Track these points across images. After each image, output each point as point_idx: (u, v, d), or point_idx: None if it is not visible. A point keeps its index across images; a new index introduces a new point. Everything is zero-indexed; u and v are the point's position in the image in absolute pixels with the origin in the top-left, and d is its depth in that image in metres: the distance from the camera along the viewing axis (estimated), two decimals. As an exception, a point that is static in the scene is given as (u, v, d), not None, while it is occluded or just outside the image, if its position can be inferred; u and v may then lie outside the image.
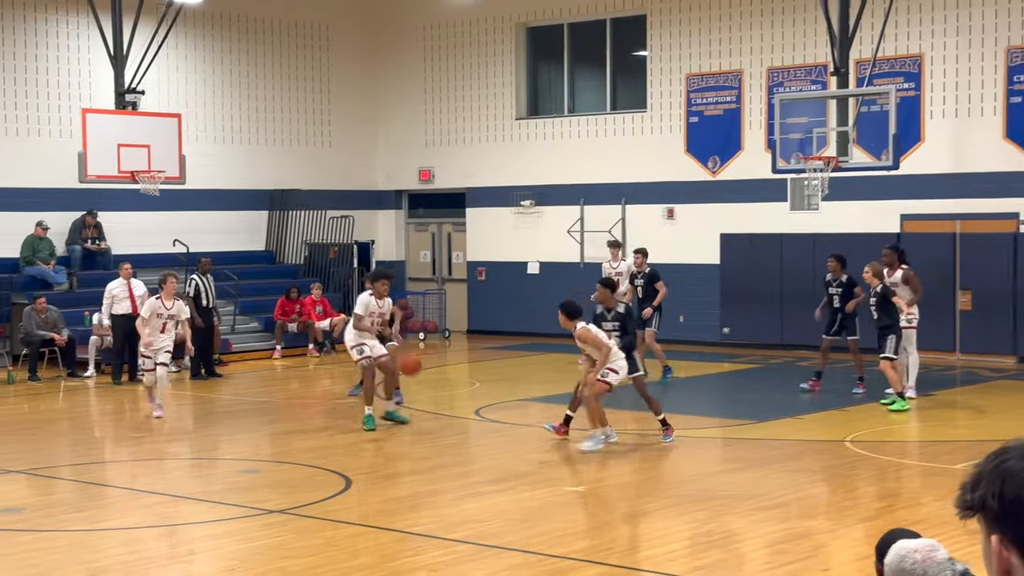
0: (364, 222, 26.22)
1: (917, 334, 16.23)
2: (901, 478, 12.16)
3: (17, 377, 19.07)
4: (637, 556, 9.05)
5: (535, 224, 24.98)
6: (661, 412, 13.50)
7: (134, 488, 11.88)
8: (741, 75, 22.67)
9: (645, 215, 23.76)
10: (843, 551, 9.37)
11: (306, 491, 11.32)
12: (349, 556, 9.06)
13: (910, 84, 20.79)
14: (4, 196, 21.69)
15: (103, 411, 16.91)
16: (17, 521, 10.25)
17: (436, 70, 26.35)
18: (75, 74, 22.66)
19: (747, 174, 22.38)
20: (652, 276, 18.66)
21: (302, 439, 14.23)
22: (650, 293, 18.56)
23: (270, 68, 25.44)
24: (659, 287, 18.51)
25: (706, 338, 22.82)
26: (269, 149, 25.42)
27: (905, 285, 16.20)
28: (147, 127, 19.82)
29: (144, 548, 9.57)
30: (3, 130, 21.82)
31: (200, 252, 22.66)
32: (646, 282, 18.68)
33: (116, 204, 22.51)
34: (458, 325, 26.05)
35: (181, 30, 23.06)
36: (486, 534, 9.59)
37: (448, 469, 12.32)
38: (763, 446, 13.40)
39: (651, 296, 18.55)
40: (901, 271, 16.26)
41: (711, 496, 10.90)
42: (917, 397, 16.15)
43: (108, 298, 19.11)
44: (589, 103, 25.20)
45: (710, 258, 22.93)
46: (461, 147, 26.10)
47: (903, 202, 20.93)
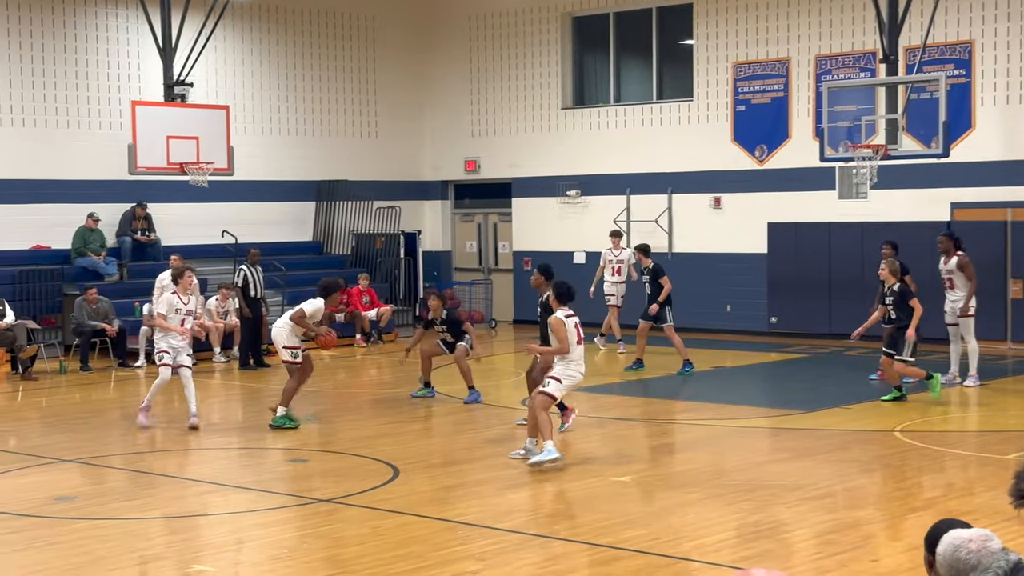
0: (410, 212, 26.30)
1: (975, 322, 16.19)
2: (951, 468, 12.06)
3: (69, 367, 19.29)
4: (684, 546, 9.03)
5: (581, 214, 24.95)
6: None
7: (184, 477, 11.99)
8: (788, 63, 22.53)
9: (692, 204, 23.68)
10: (892, 541, 9.31)
11: (354, 480, 11.38)
12: (397, 545, 9.10)
13: (960, 71, 20.58)
14: (56, 188, 21.93)
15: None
16: (70, 509, 10.38)
17: (482, 60, 26.36)
18: (124, 67, 22.86)
19: (795, 163, 22.24)
20: (656, 272, 18.50)
21: (350, 428, 14.31)
22: (657, 289, 18.42)
23: (317, 60, 25.54)
24: (664, 282, 18.38)
25: (753, 327, 22.73)
26: (316, 140, 25.53)
27: (960, 272, 16.14)
28: (196, 119, 19.96)
29: (194, 536, 9.66)
30: (54, 123, 22.06)
31: (248, 243, 22.81)
32: (651, 278, 18.55)
33: (165, 196, 22.71)
34: (504, 315, 26.08)
35: (229, 23, 23.21)
36: (533, 523, 9.61)
37: (495, 459, 12.34)
38: (811, 436, 13.33)
39: (658, 292, 18.40)
40: (956, 258, 16.17)
41: (759, 486, 10.86)
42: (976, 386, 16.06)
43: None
44: (635, 92, 25.12)
45: (757, 247, 22.82)
46: (507, 137, 26.10)
47: (953, 190, 20.74)
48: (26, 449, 13.25)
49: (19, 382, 18.29)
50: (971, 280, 16.11)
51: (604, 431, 14.14)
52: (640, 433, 14.19)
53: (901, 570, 8.28)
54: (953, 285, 16.25)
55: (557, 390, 11.74)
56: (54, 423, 14.94)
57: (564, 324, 11.67)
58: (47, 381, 18.45)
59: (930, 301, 16.85)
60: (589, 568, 8.62)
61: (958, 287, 16.19)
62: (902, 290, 15.08)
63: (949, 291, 16.32)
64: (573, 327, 11.72)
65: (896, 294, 15.02)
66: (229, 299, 20.81)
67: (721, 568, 8.38)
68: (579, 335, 11.78)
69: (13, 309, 19.24)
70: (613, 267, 20.95)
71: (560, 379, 11.69)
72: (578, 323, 11.83)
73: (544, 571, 8.49)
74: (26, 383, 18.18)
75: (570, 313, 11.83)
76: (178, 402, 16.89)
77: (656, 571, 8.53)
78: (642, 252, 18.97)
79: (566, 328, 11.66)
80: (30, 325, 19.42)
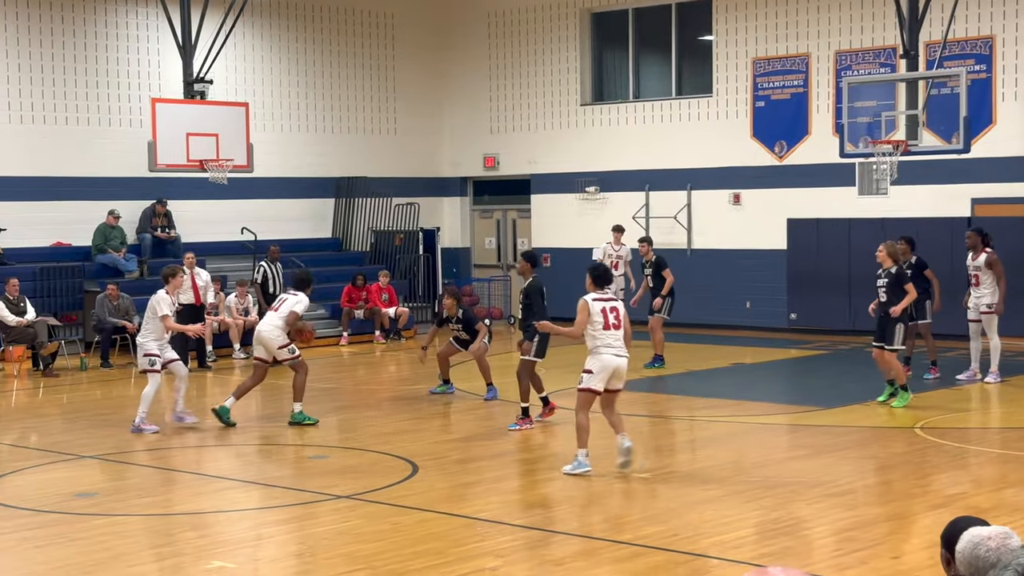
0: (429, 209, 26.31)
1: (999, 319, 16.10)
2: (972, 465, 12.01)
3: (90, 364, 19.37)
4: (703, 543, 9.02)
5: (600, 210, 24.93)
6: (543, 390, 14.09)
7: (204, 473, 12.03)
8: (808, 59, 22.46)
9: (711, 201, 23.64)
10: (913, 539, 9.28)
11: (373, 477, 11.40)
12: (416, 541, 9.12)
13: (981, 66, 20.49)
14: (76, 185, 22.02)
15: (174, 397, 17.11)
16: (90, 505, 10.42)
17: (501, 57, 26.36)
18: (144, 64, 22.93)
19: (814, 159, 22.19)
20: (659, 264, 18.57)
21: (369, 425, 14.33)
22: (660, 282, 18.48)
23: (336, 56, 25.58)
24: (666, 275, 18.45)
25: (773, 324, 22.69)
26: (335, 137, 25.57)
27: (988, 269, 16.05)
28: (215, 116, 20.01)
29: (214, 532, 9.69)
30: (75, 120, 22.14)
31: (268, 240, 22.88)
32: (654, 271, 18.61)
33: (185, 192, 22.79)
34: (523, 312, 26.05)
35: (248, 20, 23.27)
36: (552, 520, 9.61)
37: (514, 455, 12.34)
38: (831, 433, 13.30)
39: (661, 285, 18.47)
40: (985, 255, 16.08)
41: (778, 483, 10.84)
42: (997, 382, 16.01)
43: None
44: (654, 88, 25.08)
45: (777, 243, 22.76)
46: (526, 133, 26.10)
47: (974, 186, 20.65)
48: (47, 445, 13.31)
49: (40, 379, 18.38)
50: (1001, 278, 16.04)
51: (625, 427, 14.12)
52: (660, 430, 14.17)
53: (921, 567, 8.25)
54: (979, 282, 16.16)
55: (594, 382, 11.24)
56: (75, 419, 15.01)
57: (587, 306, 11.18)
58: (68, 378, 18.53)
59: (951, 298, 16.80)
60: (608, 565, 8.61)
61: (984, 284, 16.11)
62: (899, 273, 14.47)
63: (975, 287, 16.23)
64: (600, 311, 11.17)
65: (892, 276, 14.35)
66: (248, 295, 20.88)
67: (740, 565, 8.36)
68: (614, 319, 11.18)
69: (34, 306, 19.33)
70: (612, 262, 21.06)
71: (592, 369, 11.23)
72: (616, 308, 11.27)
73: (562, 568, 8.49)
74: (47, 380, 18.26)
75: (602, 296, 11.31)
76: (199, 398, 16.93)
77: (675, 568, 8.52)
78: (647, 244, 18.99)
79: (588, 311, 11.17)
80: (51, 322, 19.51)
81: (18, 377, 18.47)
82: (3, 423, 15.05)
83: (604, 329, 11.17)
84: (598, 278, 11.41)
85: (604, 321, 11.18)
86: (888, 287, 14.39)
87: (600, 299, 11.26)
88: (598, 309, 11.18)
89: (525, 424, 13.66)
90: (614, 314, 11.22)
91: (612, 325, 11.21)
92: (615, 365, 11.24)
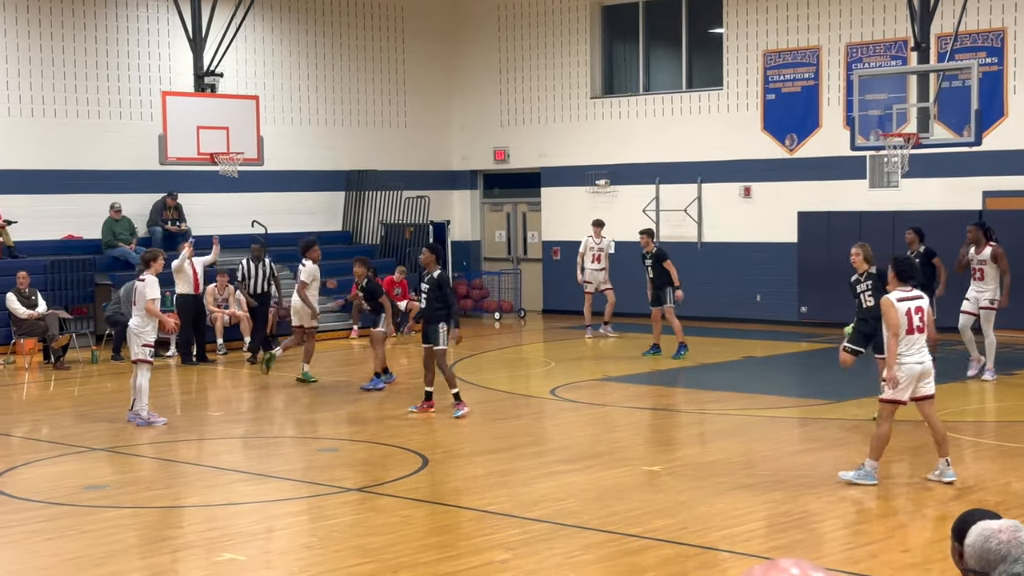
0: (439, 202, 26.31)
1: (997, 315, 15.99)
2: (981, 458, 11.98)
3: (101, 357, 19.40)
4: (713, 536, 9.01)
5: (610, 203, 24.91)
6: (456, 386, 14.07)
7: (214, 466, 12.04)
8: (819, 51, 22.41)
9: (721, 194, 23.61)
10: (922, 532, 9.27)
11: (383, 470, 11.41)
12: (426, 534, 9.12)
13: (993, 59, 20.43)
14: (87, 179, 22.05)
15: (184, 390, 17.16)
16: (101, 498, 10.44)
17: (511, 50, 26.34)
18: (155, 58, 22.95)
19: (825, 152, 22.14)
20: (659, 256, 18.76)
21: (379, 418, 14.34)
22: (660, 273, 18.63)
23: (346, 49, 25.58)
24: (668, 266, 18.62)
25: (783, 317, 22.65)
26: (345, 130, 25.57)
27: (994, 263, 15.89)
28: (226, 109, 20.03)
29: (224, 525, 9.70)
30: (86, 114, 22.17)
31: (278, 233, 22.92)
32: (654, 262, 18.76)
33: (195, 186, 22.81)
34: (533, 305, 26.08)
35: (258, 13, 23.27)
36: (562, 513, 9.60)
37: (524, 448, 12.35)
38: (841, 426, 13.28)
39: (660, 276, 18.62)
40: (989, 248, 15.93)
41: (788, 476, 10.83)
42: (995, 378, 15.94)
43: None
44: (664, 81, 25.05)
45: (787, 237, 22.73)
46: (536, 127, 26.08)
47: (985, 179, 20.59)
48: (58, 438, 13.34)
49: (51, 371, 18.42)
50: (1006, 272, 15.90)
51: (634, 420, 14.13)
52: (670, 423, 14.17)
53: (931, 560, 8.24)
54: (983, 276, 16.02)
55: (898, 392, 10.32)
56: (85, 412, 15.04)
57: (893, 306, 10.25)
58: (79, 370, 18.57)
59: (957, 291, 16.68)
60: (618, 558, 8.61)
61: (988, 278, 15.97)
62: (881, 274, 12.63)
63: (977, 282, 16.07)
64: (905, 313, 10.24)
65: (873, 278, 12.95)
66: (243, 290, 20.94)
67: (750, 558, 8.36)
68: (919, 321, 10.28)
69: (45, 299, 19.37)
70: (594, 254, 21.32)
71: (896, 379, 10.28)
72: (921, 307, 10.35)
73: (573, 561, 8.49)
74: (58, 372, 18.30)
75: (907, 295, 10.38)
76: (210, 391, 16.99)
77: (685, 561, 8.52)
78: (647, 236, 19.09)
79: (897, 312, 10.23)
80: (62, 315, 19.54)
81: (29, 370, 18.51)
82: (14, 416, 15.10)
83: (908, 333, 10.27)
84: (902, 272, 10.46)
85: (908, 324, 10.27)
86: (873, 291, 12.89)
87: (905, 298, 10.36)
88: (903, 310, 10.27)
89: (462, 407, 13.95)
90: (919, 315, 10.35)
91: (916, 328, 10.32)
92: (918, 372, 10.36)
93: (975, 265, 16.08)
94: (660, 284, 18.79)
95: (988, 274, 15.93)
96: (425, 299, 14.13)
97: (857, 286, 13.19)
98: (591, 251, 21.58)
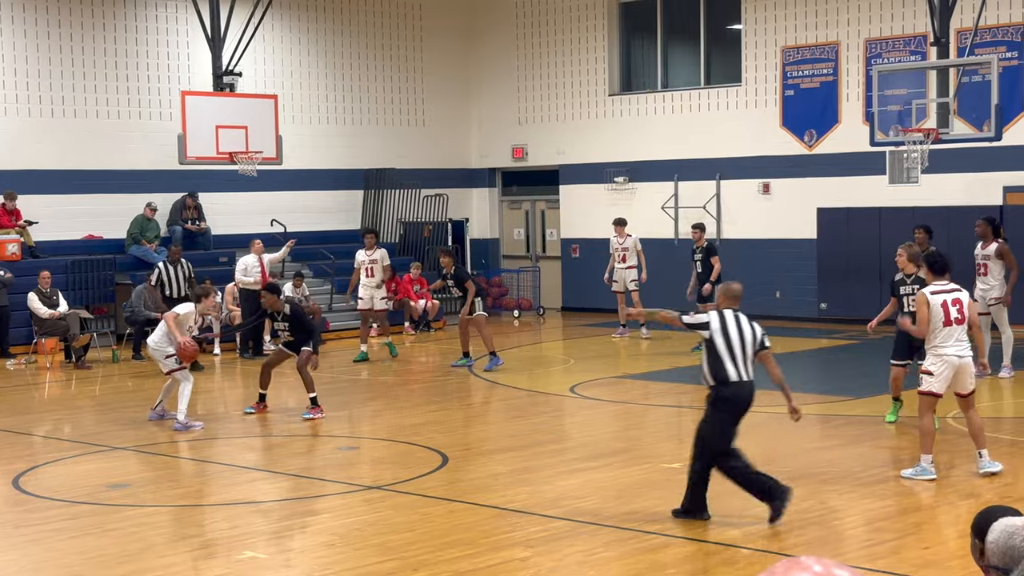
0: (458, 200, 26.33)
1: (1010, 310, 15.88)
2: (1004, 455, 11.92)
3: (121, 356, 19.48)
4: (733, 533, 9.01)
5: (629, 200, 24.89)
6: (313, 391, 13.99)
7: (235, 464, 12.09)
8: (838, 47, 22.34)
9: (740, 190, 23.56)
10: (944, 528, 9.24)
11: (403, 468, 11.43)
12: (446, 532, 9.14)
13: (1013, 53, 20.34)
14: (107, 178, 22.14)
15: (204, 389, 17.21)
16: (123, 496, 10.49)
17: (529, 47, 26.33)
18: (174, 57, 23.02)
19: (844, 147, 22.08)
20: (709, 250, 18.98)
21: (399, 416, 14.36)
22: (708, 268, 18.83)
23: (364, 48, 25.61)
24: (714, 262, 18.78)
25: (803, 314, 22.60)
26: (364, 129, 25.61)
27: (999, 259, 15.75)
28: (244, 108, 20.07)
29: (245, 523, 9.73)
30: (105, 114, 22.26)
31: (296, 232, 22.99)
32: (704, 257, 18.97)
33: (215, 185, 22.88)
34: (552, 302, 26.08)
35: (276, 12, 23.33)
36: (582, 511, 9.61)
37: (544, 446, 12.35)
38: (861, 423, 13.24)
39: (709, 270, 18.80)
40: (996, 244, 15.80)
41: (809, 473, 10.81)
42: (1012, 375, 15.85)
43: (240, 271, 19.72)
44: (683, 78, 25.01)
45: (807, 233, 22.67)
46: (554, 124, 26.07)
47: (1006, 174, 20.50)
48: (80, 437, 13.41)
49: (72, 371, 18.51)
50: (1013, 268, 15.74)
51: (654, 418, 14.13)
52: (689, 420, 14.13)
53: (953, 557, 8.22)
54: (987, 271, 15.86)
55: (934, 384, 10.33)
56: (107, 411, 15.10)
57: (927, 300, 10.28)
58: (100, 369, 18.65)
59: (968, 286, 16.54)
60: (638, 555, 8.61)
61: (992, 274, 15.81)
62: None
63: (982, 277, 15.88)
64: (941, 305, 10.22)
65: (921, 282, 12.30)
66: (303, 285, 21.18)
67: (771, 555, 8.35)
68: (957, 313, 10.25)
69: (66, 298, 19.45)
70: (619, 254, 21.20)
71: (931, 371, 10.32)
72: (959, 299, 10.32)
73: (593, 558, 8.50)
74: (79, 372, 18.39)
75: (941, 288, 10.37)
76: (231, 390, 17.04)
77: (706, 558, 8.52)
78: (699, 230, 19.25)
79: (929, 306, 10.25)
80: (83, 314, 19.63)
81: (51, 369, 18.61)
82: (36, 415, 15.18)
83: (945, 325, 10.24)
84: (934, 265, 10.50)
85: (945, 316, 10.22)
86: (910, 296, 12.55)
87: (940, 291, 10.33)
88: (938, 303, 10.26)
89: (316, 412, 13.97)
90: (956, 307, 10.28)
91: (955, 320, 10.26)
92: (956, 365, 10.32)
93: (979, 260, 15.88)
94: (707, 279, 18.90)
95: (992, 270, 15.75)
96: None
97: (901, 287, 12.86)
98: (616, 251, 21.47)
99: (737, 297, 9.39)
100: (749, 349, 9.10)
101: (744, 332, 9.13)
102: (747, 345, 9.09)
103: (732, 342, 9.08)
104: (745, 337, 9.11)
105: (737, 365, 9.07)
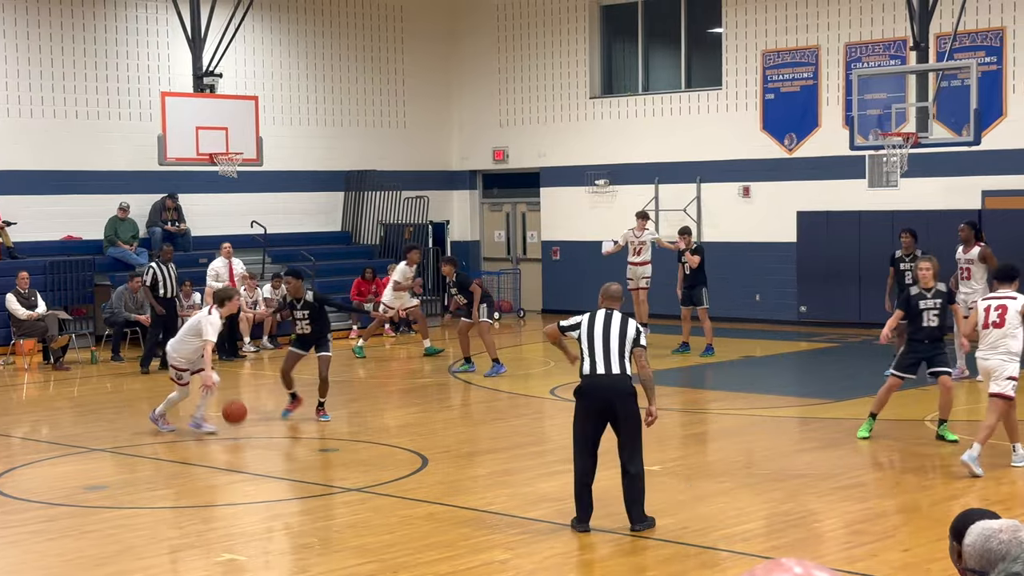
0: (439, 202, 26.32)
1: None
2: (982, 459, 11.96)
3: (100, 357, 19.41)
4: (713, 535, 9.02)
5: (609, 203, 24.92)
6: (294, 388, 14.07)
7: (214, 466, 12.05)
8: (818, 51, 22.41)
9: (720, 193, 23.61)
10: (922, 531, 9.27)
11: (383, 470, 11.42)
12: (426, 534, 9.13)
13: (992, 58, 20.44)
14: (86, 179, 22.05)
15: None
16: (101, 498, 10.45)
17: (510, 50, 26.34)
18: (154, 58, 22.95)
19: (824, 151, 22.15)
20: (697, 253, 18.98)
21: (379, 418, 14.34)
22: (695, 272, 18.91)
23: (345, 50, 25.58)
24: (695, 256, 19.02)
25: (783, 317, 22.66)
26: (344, 130, 25.57)
27: (982, 263, 15.83)
28: (225, 110, 20.03)
29: (224, 525, 9.71)
30: (84, 114, 22.17)
31: (276, 233, 22.93)
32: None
33: (195, 186, 22.81)
34: (533, 304, 26.08)
35: (257, 13, 23.27)
36: (562, 513, 9.60)
37: (524, 448, 12.35)
38: (841, 425, 13.28)
39: (695, 275, 18.93)
40: (978, 248, 15.89)
41: (788, 475, 10.84)
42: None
43: (212, 274, 19.72)
44: (663, 81, 25.05)
45: (786, 236, 22.73)
46: (535, 126, 26.08)
47: (984, 178, 20.60)
48: (58, 438, 13.35)
49: (51, 372, 18.43)
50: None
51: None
52: (670, 422, 14.15)
53: (931, 559, 8.25)
54: (970, 275, 15.94)
55: (1012, 388, 10.70)
56: (85, 412, 15.05)
57: (976, 313, 10.90)
58: (78, 371, 18.58)
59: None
60: (618, 557, 8.62)
61: (975, 278, 15.90)
62: (950, 292, 12.46)
63: (965, 281, 15.95)
64: (984, 309, 10.78)
65: (943, 296, 12.13)
66: (256, 289, 20.96)
67: (751, 557, 8.36)
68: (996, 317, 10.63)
69: (45, 299, 19.37)
70: (635, 248, 20.69)
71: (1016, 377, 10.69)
72: (1004, 305, 10.69)
73: (572, 560, 8.50)
74: (58, 373, 18.31)
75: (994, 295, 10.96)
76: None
77: (685, 560, 8.53)
78: (687, 235, 19.22)
79: (977, 316, 10.82)
80: (61, 315, 19.54)
81: (29, 370, 18.52)
82: (14, 416, 15.10)
83: (983, 328, 10.77)
84: (1000, 273, 11.18)
85: (984, 319, 10.73)
86: (940, 311, 12.11)
87: (991, 296, 11.00)
88: (982, 307, 10.87)
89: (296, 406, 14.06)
90: (998, 312, 10.66)
91: (992, 324, 10.65)
92: (983, 367, 10.84)
93: (962, 264, 15.97)
94: (693, 283, 18.89)
95: (975, 274, 15.86)
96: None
97: (921, 301, 12.09)
98: (632, 246, 20.57)
99: (614, 298, 9.45)
100: (614, 345, 9.08)
101: (612, 329, 9.13)
102: (611, 342, 9.09)
103: (594, 338, 9.11)
104: (611, 334, 9.10)
105: (594, 360, 9.09)
